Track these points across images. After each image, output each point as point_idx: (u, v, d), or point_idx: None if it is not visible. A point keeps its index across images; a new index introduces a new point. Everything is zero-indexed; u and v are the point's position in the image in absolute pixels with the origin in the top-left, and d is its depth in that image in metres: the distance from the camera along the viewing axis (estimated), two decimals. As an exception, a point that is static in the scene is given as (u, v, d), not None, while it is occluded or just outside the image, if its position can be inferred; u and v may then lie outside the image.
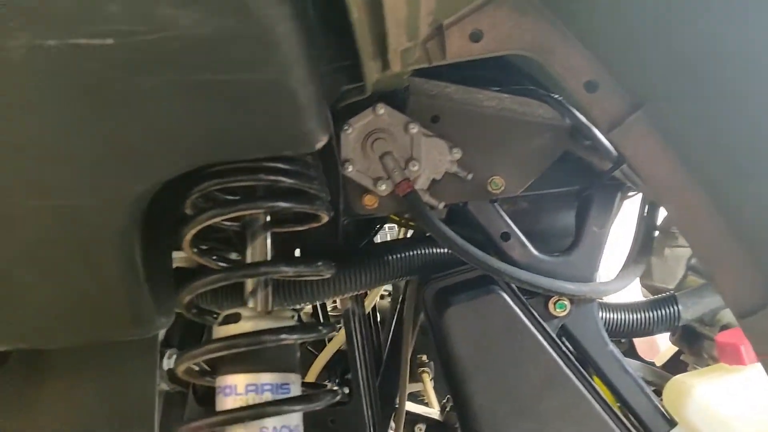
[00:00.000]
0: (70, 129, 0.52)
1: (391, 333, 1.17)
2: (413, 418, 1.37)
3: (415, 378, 1.57)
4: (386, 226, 1.31)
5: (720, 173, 0.66)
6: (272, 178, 0.61)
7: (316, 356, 1.20)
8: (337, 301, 1.13)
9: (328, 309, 1.52)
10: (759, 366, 0.65)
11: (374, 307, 1.42)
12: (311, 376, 1.23)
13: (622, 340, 1.83)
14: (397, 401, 1.04)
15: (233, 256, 0.83)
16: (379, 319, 1.49)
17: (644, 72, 0.69)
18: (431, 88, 0.87)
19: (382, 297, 1.89)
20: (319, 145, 0.56)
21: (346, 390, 1.11)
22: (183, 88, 0.48)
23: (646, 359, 1.75)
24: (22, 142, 0.51)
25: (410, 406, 1.37)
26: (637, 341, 1.86)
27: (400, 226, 1.05)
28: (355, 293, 0.90)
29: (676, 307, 1.00)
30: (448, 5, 0.69)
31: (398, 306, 1.15)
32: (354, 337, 0.97)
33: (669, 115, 0.69)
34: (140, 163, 0.56)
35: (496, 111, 0.89)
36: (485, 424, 0.82)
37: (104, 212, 0.60)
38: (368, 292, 1.17)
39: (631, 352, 1.89)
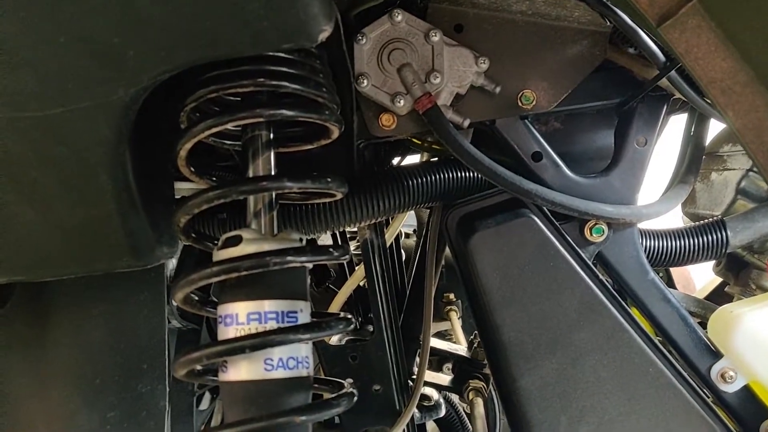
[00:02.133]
0: (35, 27, 0.45)
1: (414, 267, 1.11)
2: (441, 357, 1.33)
3: (442, 317, 1.52)
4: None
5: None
6: (274, 82, 0.53)
7: (336, 294, 1.15)
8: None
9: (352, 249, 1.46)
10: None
11: (399, 244, 1.36)
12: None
13: (660, 274, 1.76)
14: (422, 338, 0.99)
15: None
16: (404, 258, 1.43)
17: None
18: (456, -16, 0.77)
19: (407, 236, 1.83)
20: (323, 36, 0.48)
21: (370, 327, 1.06)
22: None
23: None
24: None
25: (437, 344, 1.33)
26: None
27: (422, 150, 0.97)
28: (373, 221, 0.84)
29: (724, 233, 0.91)
30: None
31: (422, 239, 1.08)
32: (373, 269, 0.91)
33: (727, 3, 0.59)
34: (119, 63, 0.49)
35: (527, 16, 0.79)
36: (514, 358, 0.76)
37: (87, 123, 0.54)
38: (390, 221, 1.10)
39: (669, 286, 1.82)
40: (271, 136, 0.62)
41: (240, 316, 0.55)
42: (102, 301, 0.81)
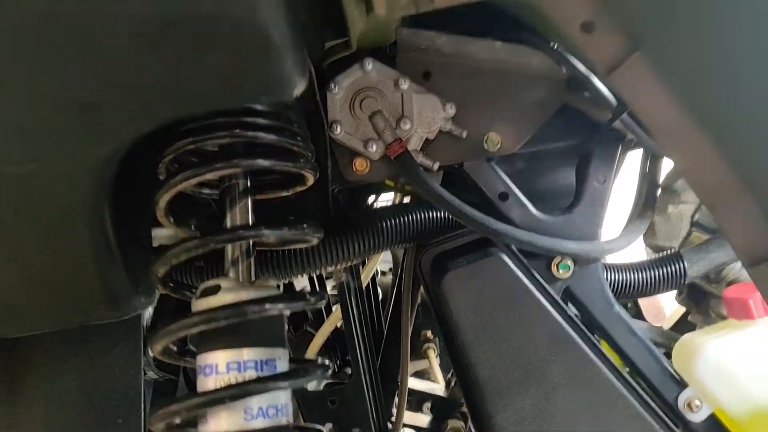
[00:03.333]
0: (12, 85, 0.46)
1: (390, 307, 1.12)
2: (420, 397, 1.33)
3: (420, 355, 1.52)
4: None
5: (725, 116, 0.62)
6: (249, 134, 0.56)
7: (312, 337, 1.15)
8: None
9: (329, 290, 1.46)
10: (769, 318, 0.62)
11: (375, 283, 1.37)
12: (310, 357, 1.19)
13: (629, 304, 1.80)
14: (399, 380, 1.00)
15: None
16: (380, 297, 1.44)
17: (641, 9, 0.65)
18: (421, 41, 0.81)
19: (383, 273, 1.84)
20: (297, 91, 0.51)
21: (348, 370, 1.06)
22: (140, 25, 0.42)
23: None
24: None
25: (415, 384, 1.33)
26: (643, 308, 1.83)
27: (396, 192, 1.00)
28: (348, 263, 0.85)
29: (681, 264, 0.95)
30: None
31: (397, 278, 1.10)
32: (350, 311, 0.92)
33: (669, 54, 0.64)
34: (98, 121, 0.50)
35: (490, 64, 0.84)
36: (489, 395, 0.78)
37: (66, 178, 0.55)
38: (365, 263, 1.12)
39: (638, 317, 1.86)
40: (248, 183, 0.64)
41: (220, 366, 0.55)
42: (75, 355, 0.80)
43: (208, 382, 0.56)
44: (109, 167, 0.56)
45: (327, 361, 0.61)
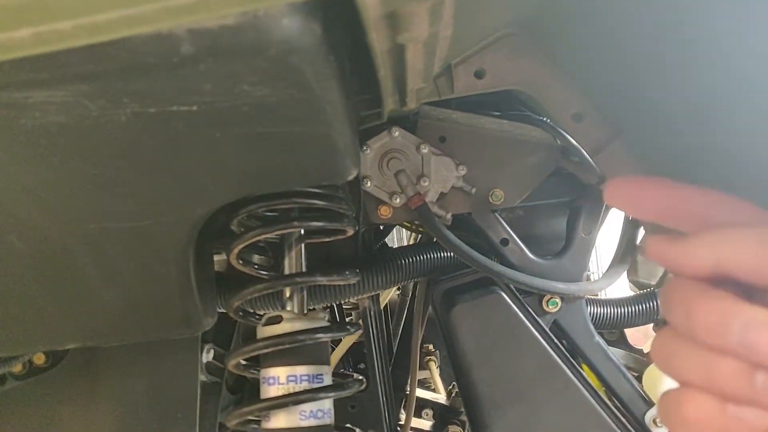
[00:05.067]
0: (151, 169, 0.63)
1: (401, 328, 1.29)
2: (421, 404, 1.49)
3: (422, 366, 1.69)
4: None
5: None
6: (308, 201, 0.73)
7: (333, 349, 1.32)
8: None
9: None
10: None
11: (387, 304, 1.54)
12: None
13: (614, 330, 1.96)
14: (408, 388, 1.16)
15: (256, 258, 0.95)
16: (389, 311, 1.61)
17: (619, 106, 0.81)
18: (439, 113, 0.98)
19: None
20: (351, 177, 0.67)
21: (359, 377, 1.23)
22: (245, 137, 0.59)
23: (637, 346, 1.88)
24: (115, 180, 0.62)
25: (420, 393, 1.49)
26: (632, 330, 1.99)
27: (410, 231, 1.17)
28: (372, 294, 1.02)
29: (655, 302, 1.12)
30: (457, 49, 0.80)
31: (408, 303, 1.27)
32: (371, 333, 1.09)
33: (640, 144, 0.81)
34: (201, 192, 0.67)
35: (497, 132, 1.00)
36: (486, 408, 0.94)
37: (169, 232, 0.71)
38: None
39: (622, 340, 2.02)
40: (302, 233, 0.81)
41: (281, 378, 0.72)
42: (146, 362, 0.97)
43: (270, 390, 0.73)
44: (199, 223, 0.73)
45: (362, 377, 0.78)
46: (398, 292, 2.01)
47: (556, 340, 0.99)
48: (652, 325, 1.43)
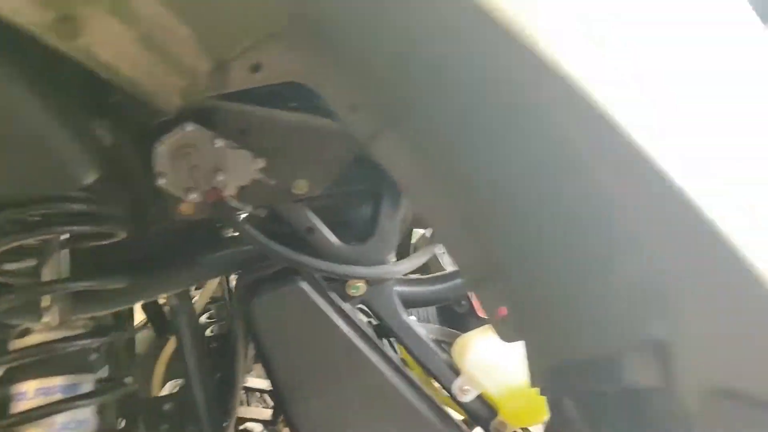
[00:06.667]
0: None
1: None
2: (260, 393, 1.51)
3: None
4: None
5: (455, 180, 0.83)
6: (61, 206, 0.70)
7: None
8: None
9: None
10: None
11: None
12: (157, 380, 1.33)
13: (463, 302, 2.08)
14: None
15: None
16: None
17: (392, 98, 0.85)
18: (237, 107, 0.97)
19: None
20: (86, 182, 0.65)
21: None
22: None
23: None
24: None
25: (257, 382, 1.50)
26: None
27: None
28: (164, 295, 1.01)
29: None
30: (226, 46, 0.80)
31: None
32: (181, 331, 1.07)
33: (414, 134, 0.85)
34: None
35: (296, 123, 1.01)
36: (292, 403, 0.97)
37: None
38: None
39: (471, 312, 2.15)
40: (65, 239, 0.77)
41: (29, 393, 0.70)
42: None
43: (19, 407, 0.70)
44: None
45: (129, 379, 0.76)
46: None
47: (360, 325, 1.03)
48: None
